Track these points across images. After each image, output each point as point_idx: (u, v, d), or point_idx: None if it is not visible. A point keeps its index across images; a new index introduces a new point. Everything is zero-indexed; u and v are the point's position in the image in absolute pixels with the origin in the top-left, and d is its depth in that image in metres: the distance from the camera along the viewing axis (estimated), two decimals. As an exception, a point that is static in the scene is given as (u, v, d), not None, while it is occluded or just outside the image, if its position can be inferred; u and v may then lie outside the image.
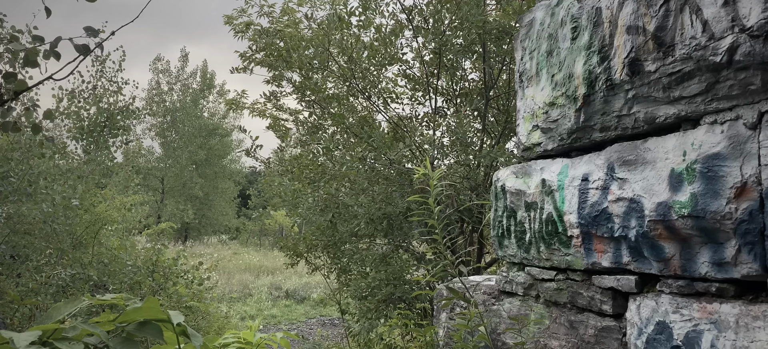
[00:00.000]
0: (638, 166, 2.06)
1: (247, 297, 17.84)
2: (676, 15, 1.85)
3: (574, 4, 2.34)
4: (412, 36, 7.32)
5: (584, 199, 2.29)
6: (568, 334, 2.49)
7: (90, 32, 2.54)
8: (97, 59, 10.84)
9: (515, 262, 2.87)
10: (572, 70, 2.36)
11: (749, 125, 1.73)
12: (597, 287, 2.35)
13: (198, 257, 12.34)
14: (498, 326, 2.91)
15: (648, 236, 2.02)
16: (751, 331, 1.74)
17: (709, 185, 1.79)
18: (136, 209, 12.43)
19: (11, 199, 7.29)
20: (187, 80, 33.65)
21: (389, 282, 6.97)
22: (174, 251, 9.78)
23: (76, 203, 8.02)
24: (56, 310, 1.58)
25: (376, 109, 7.70)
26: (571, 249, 2.40)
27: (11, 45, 3.04)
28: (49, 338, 1.42)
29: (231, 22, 7.43)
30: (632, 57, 2.02)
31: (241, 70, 7.69)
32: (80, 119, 10.48)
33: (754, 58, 1.66)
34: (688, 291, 1.96)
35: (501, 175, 2.92)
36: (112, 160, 10.59)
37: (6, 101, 2.84)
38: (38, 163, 7.96)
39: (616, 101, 2.17)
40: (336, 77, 7.41)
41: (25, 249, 7.74)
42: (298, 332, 12.94)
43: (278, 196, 8.81)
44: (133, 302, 1.57)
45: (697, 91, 1.85)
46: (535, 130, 2.71)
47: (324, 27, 7.04)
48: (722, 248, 1.81)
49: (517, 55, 2.86)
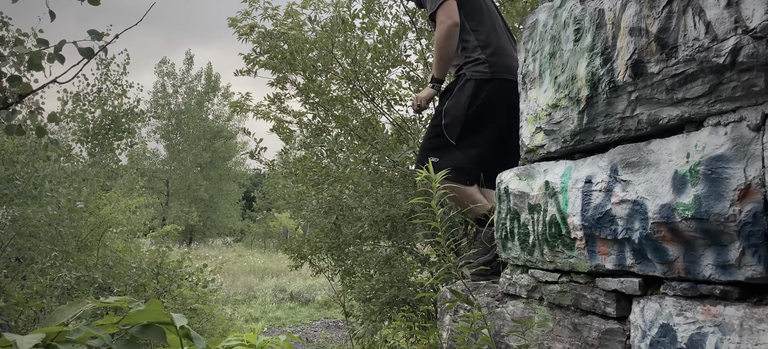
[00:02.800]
0: (642, 168, 2.06)
1: (251, 299, 17.86)
2: (679, 16, 1.85)
3: (577, 6, 2.34)
4: (415, 38, 7.33)
5: (587, 201, 2.29)
6: (572, 336, 2.49)
7: (94, 35, 2.55)
8: (102, 62, 10.89)
9: (519, 264, 2.87)
10: (575, 72, 2.36)
11: (753, 127, 1.72)
12: (600, 290, 2.35)
13: (202, 259, 12.37)
14: (501, 329, 2.91)
15: (651, 238, 2.01)
16: (756, 333, 1.73)
17: (713, 187, 1.79)
18: (141, 212, 12.47)
19: (16, 201, 7.33)
20: (192, 83, 33.77)
21: (393, 284, 6.97)
22: (179, 254, 9.80)
23: (81, 206, 8.05)
24: (60, 312, 1.58)
25: (379, 111, 7.70)
26: (575, 251, 2.40)
27: (16, 48, 3.06)
28: (53, 340, 1.42)
29: (235, 24, 7.45)
30: (635, 59, 2.01)
31: (245, 73, 7.71)
32: (85, 122, 10.52)
33: (757, 59, 1.66)
34: (692, 294, 1.96)
35: (504, 177, 2.92)
36: (116, 163, 10.63)
37: (11, 104, 2.85)
38: (43, 166, 8.00)
39: (619, 103, 2.17)
40: (340, 79, 7.42)
41: (30, 252, 7.77)
42: (302, 334, 12.95)
43: (282, 198, 8.83)
44: (137, 304, 1.57)
45: (701, 93, 1.85)
46: (538, 132, 2.71)
47: (328, 29, 7.05)
48: (726, 250, 1.81)
49: (520, 57, 2.86)
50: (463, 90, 3.06)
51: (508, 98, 2.96)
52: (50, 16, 2.65)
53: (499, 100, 3.02)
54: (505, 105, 3.00)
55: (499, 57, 3.06)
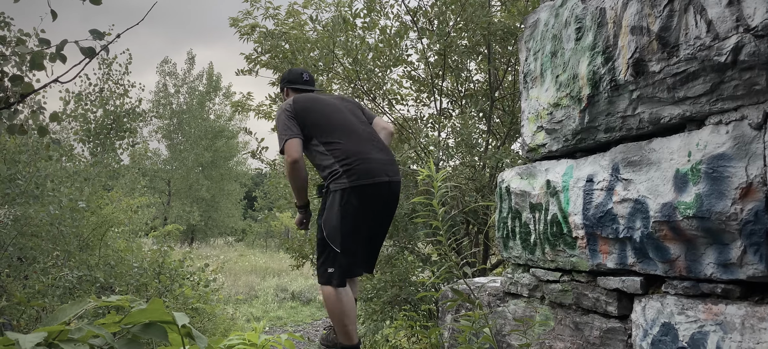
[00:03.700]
0: (643, 167, 2.06)
1: (253, 299, 17.87)
2: (681, 15, 1.85)
3: (578, 5, 2.34)
4: (416, 37, 7.32)
5: (589, 200, 2.29)
6: (573, 335, 2.49)
7: (96, 35, 2.55)
8: (104, 62, 10.90)
9: (520, 263, 2.87)
10: (576, 71, 2.36)
11: (754, 125, 1.72)
12: (602, 289, 2.34)
13: (204, 258, 12.39)
14: (503, 328, 2.91)
15: (653, 237, 2.01)
16: (757, 332, 1.73)
17: (714, 186, 1.78)
18: (143, 211, 12.49)
19: (19, 201, 7.33)
20: (194, 83, 33.79)
21: (394, 284, 6.97)
22: (180, 253, 9.81)
23: (83, 205, 8.06)
24: (62, 311, 1.59)
25: (381, 110, 7.70)
26: (576, 250, 2.40)
27: (18, 48, 3.06)
28: (55, 339, 1.43)
29: (236, 24, 7.45)
30: (636, 57, 2.01)
31: (246, 73, 7.71)
32: (87, 122, 10.54)
33: (758, 58, 1.65)
34: (693, 292, 1.96)
35: (506, 176, 2.92)
36: (118, 163, 10.64)
37: (13, 104, 2.86)
38: (45, 166, 8.01)
39: (621, 102, 2.17)
40: (341, 79, 7.42)
41: (32, 251, 7.77)
42: (304, 333, 12.95)
43: (284, 197, 8.82)
44: (138, 303, 1.57)
45: (702, 92, 1.85)
46: (539, 131, 2.71)
47: (329, 29, 7.05)
48: (727, 249, 1.81)
49: (522, 56, 2.86)
50: (332, 203, 3.31)
51: (371, 199, 3.30)
52: (52, 15, 2.65)
53: (363, 203, 3.27)
54: (370, 206, 3.31)
55: (357, 164, 3.29)
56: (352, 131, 3.42)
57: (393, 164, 3.47)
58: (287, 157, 3.39)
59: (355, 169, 3.28)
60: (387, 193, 3.37)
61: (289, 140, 3.36)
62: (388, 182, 3.35)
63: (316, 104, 3.53)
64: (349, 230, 3.27)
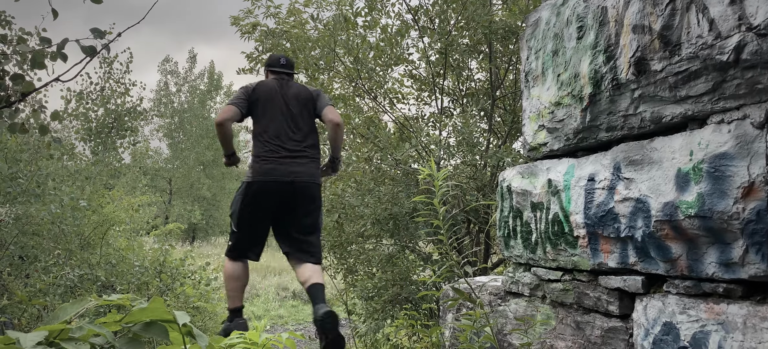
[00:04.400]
0: (645, 166, 2.05)
1: (254, 298, 17.88)
2: (683, 14, 1.84)
3: (580, 4, 2.33)
4: (418, 36, 7.32)
5: (590, 199, 2.29)
6: (575, 335, 2.48)
7: (97, 34, 2.55)
8: (105, 61, 10.91)
9: (521, 262, 2.87)
10: (578, 70, 2.35)
11: (756, 125, 1.71)
12: (603, 288, 2.34)
13: (205, 257, 12.39)
14: (504, 327, 2.91)
15: (654, 236, 2.01)
16: (759, 332, 1.73)
17: (716, 185, 1.78)
18: (144, 210, 12.49)
19: (20, 200, 7.34)
20: (195, 81, 33.80)
21: (395, 283, 6.97)
22: (181, 252, 9.81)
23: (84, 204, 8.06)
24: (63, 310, 1.59)
25: (382, 109, 7.70)
26: (578, 249, 2.40)
27: (19, 47, 3.06)
28: (56, 338, 1.42)
29: (238, 23, 7.45)
30: (638, 56, 2.01)
31: (247, 71, 7.71)
32: (88, 120, 10.54)
33: (761, 57, 1.65)
34: (695, 292, 1.95)
35: (507, 175, 2.91)
36: (119, 161, 10.65)
37: (14, 103, 2.86)
38: (46, 165, 8.01)
39: (623, 101, 2.17)
40: (342, 78, 7.42)
41: (33, 250, 7.78)
42: (305, 332, 12.95)
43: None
44: (139, 302, 1.57)
45: (704, 91, 1.84)
46: (541, 130, 2.70)
47: (330, 28, 7.04)
48: (729, 248, 1.80)
49: (523, 55, 2.85)
50: (240, 188, 3.83)
51: (266, 196, 3.71)
52: (53, 14, 2.65)
53: (257, 198, 3.71)
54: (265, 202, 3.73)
55: (263, 163, 3.69)
56: (279, 134, 3.75)
57: (303, 167, 3.73)
58: (216, 118, 3.85)
59: (261, 168, 3.69)
60: (289, 190, 3.68)
61: (226, 106, 3.80)
62: (291, 182, 3.66)
63: (269, 97, 3.82)
64: (246, 218, 3.76)
